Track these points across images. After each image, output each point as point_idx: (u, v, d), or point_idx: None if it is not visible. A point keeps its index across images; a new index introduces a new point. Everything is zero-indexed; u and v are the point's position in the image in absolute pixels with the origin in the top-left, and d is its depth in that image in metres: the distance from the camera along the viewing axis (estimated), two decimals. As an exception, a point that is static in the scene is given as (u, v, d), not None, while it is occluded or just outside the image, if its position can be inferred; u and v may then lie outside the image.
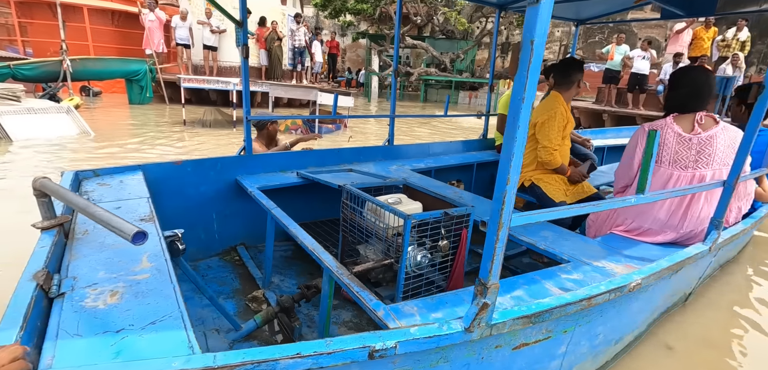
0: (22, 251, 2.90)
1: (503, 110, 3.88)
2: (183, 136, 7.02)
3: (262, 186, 2.40)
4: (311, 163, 2.91)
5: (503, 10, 4.01)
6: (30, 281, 0.96)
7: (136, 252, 1.22)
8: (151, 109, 10.16)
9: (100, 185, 1.93)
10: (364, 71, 21.96)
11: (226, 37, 11.65)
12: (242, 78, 2.57)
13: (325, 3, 20.17)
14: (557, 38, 25.89)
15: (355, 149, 3.22)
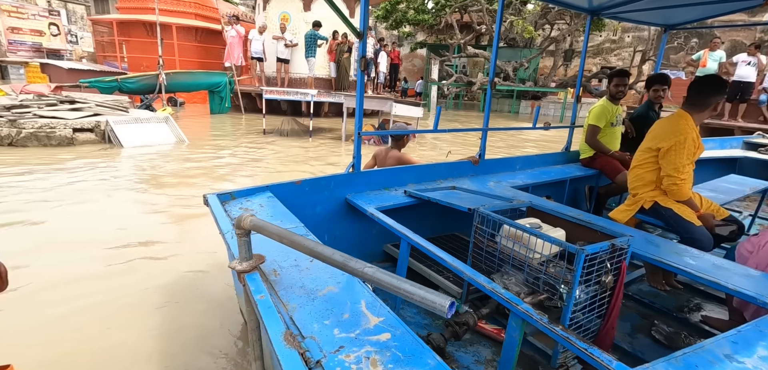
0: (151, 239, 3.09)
1: (595, 122, 3.64)
2: (265, 145, 7.41)
3: (380, 206, 2.32)
4: (410, 179, 2.85)
5: (595, 15, 3.82)
6: (286, 348, 0.90)
7: (344, 298, 1.14)
8: (229, 118, 10.87)
9: (241, 208, 1.87)
10: (421, 81, 22.01)
11: (295, 50, 12.21)
12: (357, 92, 2.50)
13: (387, 14, 20.56)
14: (628, 44, 24.32)
15: (447, 164, 3.11)
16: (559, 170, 3.66)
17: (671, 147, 2.41)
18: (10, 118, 6.11)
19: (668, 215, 2.54)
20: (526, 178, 3.33)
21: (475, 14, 18.15)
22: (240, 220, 1.12)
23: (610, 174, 3.58)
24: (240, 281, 1.19)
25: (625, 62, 23.67)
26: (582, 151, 3.82)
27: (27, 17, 22.77)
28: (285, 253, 1.39)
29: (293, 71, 12.58)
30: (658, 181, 2.59)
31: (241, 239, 1.15)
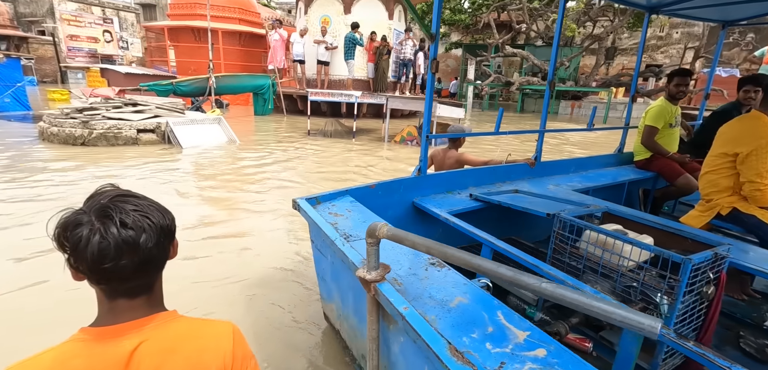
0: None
1: (653, 123, 3.49)
2: (311, 145, 7.63)
3: (450, 209, 2.30)
4: (470, 182, 2.83)
5: (654, 12, 3.67)
6: (458, 364, 0.89)
7: (478, 309, 1.10)
8: (271, 120, 11.24)
9: (330, 213, 1.85)
10: (455, 81, 21.83)
11: (335, 53, 12.44)
12: (427, 94, 2.44)
13: (423, 15, 20.55)
14: (676, 40, 23.09)
15: (504, 167, 3.08)
16: (614, 173, 3.57)
17: (752, 152, 2.31)
18: (83, 120, 6.60)
19: (751, 222, 2.43)
20: (583, 180, 3.25)
21: (514, 13, 17.80)
22: (374, 229, 1.10)
23: (670, 177, 3.45)
24: (368, 290, 1.18)
25: (672, 60, 22.50)
26: (637, 152, 3.68)
27: (84, 25, 24.44)
28: (396, 261, 1.40)
29: (332, 73, 12.83)
30: (735, 187, 2.48)
31: (372, 248, 1.13)
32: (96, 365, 0.71)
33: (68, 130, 6.51)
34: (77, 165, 5.42)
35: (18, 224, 3.45)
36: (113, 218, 0.70)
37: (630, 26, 19.19)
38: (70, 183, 4.67)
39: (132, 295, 0.76)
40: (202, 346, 0.78)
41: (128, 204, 0.74)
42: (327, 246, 1.74)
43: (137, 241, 0.71)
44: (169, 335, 0.77)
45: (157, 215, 0.77)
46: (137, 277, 0.75)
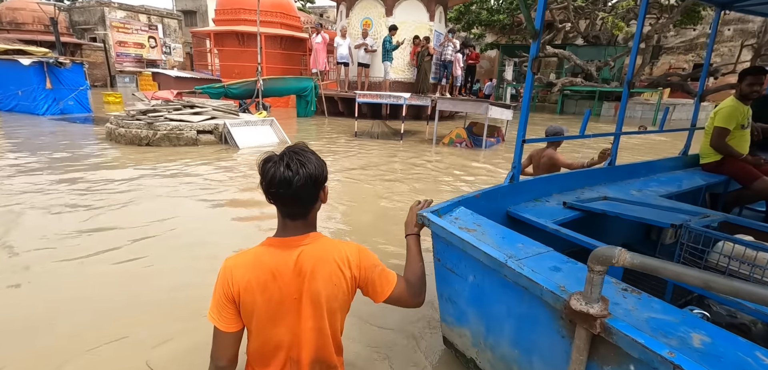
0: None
1: (724, 124, 3.28)
2: (362, 147, 7.68)
3: (554, 219, 2.17)
4: (553, 188, 2.70)
5: (725, 9, 3.43)
6: None
7: (729, 347, 1.00)
8: (314, 122, 11.41)
9: (461, 227, 1.68)
10: (490, 83, 21.49)
11: (374, 55, 12.51)
12: (524, 95, 2.33)
13: (459, 16, 20.39)
14: (727, 38, 21.84)
15: (583, 172, 2.95)
16: (685, 176, 3.38)
17: None
18: (148, 121, 6.92)
19: None
20: (661, 185, 3.08)
21: (557, 12, 17.34)
22: (608, 255, 0.93)
23: (745, 180, 3.26)
24: (588, 326, 1.03)
25: (723, 58, 21.29)
26: (705, 155, 3.48)
27: (132, 32, 25.74)
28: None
29: (372, 75, 12.91)
30: None
31: (598, 277, 1.00)
32: (278, 262, 1.09)
33: (135, 131, 6.83)
34: (149, 165, 5.68)
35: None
36: (284, 161, 1.05)
37: (677, 24, 18.29)
38: (140, 185, 4.89)
39: (293, 218, 1.13)
40: (340, 255, 1.15)
41: (298, 155, 1.07)
42: (469, 266, 1.58)
43: (291, 179, 1.03)
44: (319, 247, 1.14)
45: (311, 167, 1.07)
46: (293, 204, 1.10)
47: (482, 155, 7.43)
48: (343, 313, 1.22)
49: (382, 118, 11.07)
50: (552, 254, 1.46)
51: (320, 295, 1.11)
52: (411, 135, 9.44)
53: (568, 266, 1.37)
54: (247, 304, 1.09)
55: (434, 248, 1.79)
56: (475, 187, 5.31)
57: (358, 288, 1.22)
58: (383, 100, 8.67)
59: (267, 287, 1.08)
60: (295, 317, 1.13)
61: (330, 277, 1.12)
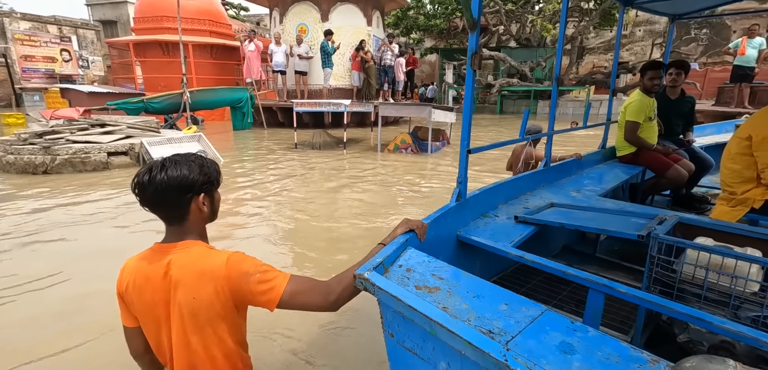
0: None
1: (635, 118, 3.43)
2: (302, 159, 7.18)
3: (515, 240, 1.92)
4: (497, 199, 2.47)
5: (628, 6, 3.62)
6: None
7: None
8: (252, 134, 10.69)
9: (417, 286, 1.26)
10: (432, 86, 21.81)
11: (311, 62, 12.05)
12: (465, 97, 1.97)
13: (398, 21, 20.48)
14: (639, 38, 24.04)
15: (519, 178, 2.74)
16: (610, 170, 3.42)
17: (766, 137, 2.24)
18: (44, 145, 5.92)
19: None
20: (593, 182, 3.06)
21: (491, 15, 17.95)
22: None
23: (659, 170, 3.40)
24: None
25: (637, 56, 23.41)
26: (620, 148, 3.61)
27: (39, 45, 22.93)
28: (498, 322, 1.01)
29: (311, 83, 12.42)
30: (756, 178, 2.36)
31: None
32: (152, 267, 1.08)
33: (27, 158, 5.81)
34: (42, 198, 4.78)
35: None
36: (150, 167, 1.06)
37: (596, 26, 19.77)
38: (30, 218, 4.06)
39: (168, 223, 1.12)
40: (206, 265, 1.06)
41: (168, 162, 1.07)
42: (440, 350, 1.11)
43: (146, 185, 1.04)
44: (188, 255, 1.08)
45: (175, 173, 1.05)
46: (154, 209, 1.08)
47: (429, 160, 7.27)
48: (220, 326, 1.10)
49: (325, 127, 10.63)
50: (550, 316, 1.09)
51: (182, 307, 1.06)
52: (355, 143, 9.09)
53: (582, 341, 0.99)
54: (130, 304, 1.13)
55: (383, 319, 1.25)
56: (426, 195, 5.10)
57: (235, 300, 1.09)
58: (323, 108, 8.23)
59: (142, 290, 1.09)
60: (167, 326, 1.11)
61: (191, 288, 1.05)
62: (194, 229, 1.15)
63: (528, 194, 2.69)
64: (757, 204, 2.39)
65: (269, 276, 1.09)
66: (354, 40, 12.65)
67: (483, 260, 2.20)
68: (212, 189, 1.16)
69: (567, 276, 1.52)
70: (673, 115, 3.82)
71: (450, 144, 8.74)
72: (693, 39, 21.72)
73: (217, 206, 1.21)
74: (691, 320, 1.41)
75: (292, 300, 1.10)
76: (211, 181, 1.14)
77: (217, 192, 1.21)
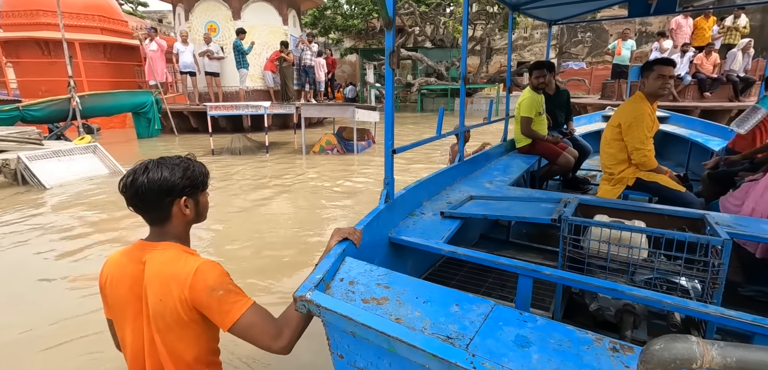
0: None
1: (527, 113, 3.82)
2: (221, 167, 6.69)
3: (445, 235, 1.94)
4: (421, 197, 2.52)
5: (515, 11, 4.02)
6: None
7: None
8: (161, 142, 9.71)
9: (363, 299, 1.19)
10: (352, 86, 21.89)
11: (225, 63, 11.34)
12: (386, 97, 1.97)
13: (315, 21, 20.15)
14: (537, 40, 26.74)
15: (438, 174, 2.79)
16: (514, 161, 3.73)
17: (632, 123, 2.68)
18: None
19: (655, 188, 2.76)
20: (503, 173, 3.29)
21: (406, 17, 18.52)
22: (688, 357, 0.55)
23: (551, 158, 3.83)
24: None
25: (536, 56, 25.99)
26: (518, 141, 3.98)
27: None
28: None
29: (225, 85, 11.68)
30: (628, 160, 2.81)
31: None
32: (131, 263, 1.12)
33: None
34: None
35: None
36: (135, 168, 1.11)
37: (501, 28, 21.54)
38: None
39: (150, 224, 1.17)
40: (176, 270, 1.07)
41: (153, 164, 1.11)
42: (398, 365, 1.06)
43: (128, 186, 1.09)
44: (162, 257, 1.10)
45: (156, 176, 1.08)
46: (137, 210, 1.13)
47: (356, 160, 7.26)
48: (185, 331, 1.10)
49: (244, 131, 10.05)
50: (499, 310, 1.11)
51: (150, 307, 1.08)
52: (278, 147, 8.74)
53: (534, 331, 1.02)
54: (107, 297, 1.15)
55: (330, 340, 1.15)
56: (357, 196, 5.07)
57: (198, 309, 1.08)
58: (241, 111, 7.76)
59: (118, 285, 1.11)
60: (134, 324, 1.12)
61: (158, 291, 1.07)
62: (175, 231, 1.17)
63: (448, 189, 2.79)
64: (631, 181, 2.83)
65: (231, 298, 1.07)
66: (270, 39, 12.16)
67: (414, 258, 2.26)
68: (196, 192, 1.17)
69: (498, 265, 1.61)
70: (554, 107, 4.28)
71: (376, 142, 8.84)
72: (580, 41, 24.75)
73: (203, 208, 1.22)
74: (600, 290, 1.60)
75: (245, 332, 1.08)
76: (194, 184, 1.15)
77: (204, 194, 1.22)
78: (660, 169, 2.79)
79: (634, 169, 2.82)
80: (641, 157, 2.72)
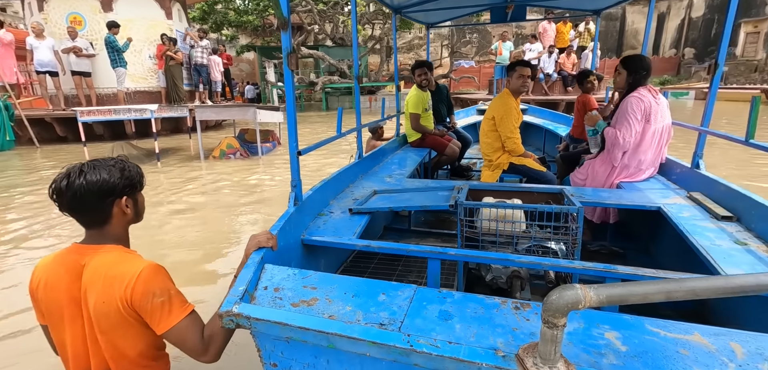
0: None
1: (415, 110, 4.05)
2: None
3: (357, 231, 2.00)
4: (328, 196, 2.56)
5: (397, 12, 4.34)
6: None
7: None
8: (17, 156, 8.10)
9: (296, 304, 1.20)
10: (250, 86, 20.87)
11: (99, 61, 9.92)
12: (287, 98, 1.92)
13: (205, 16, 18.65)
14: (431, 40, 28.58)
15: (342, 171, 2.84)
16: (407, 155, 3.96)
17: (503, 116, 3.17)
18: None
19: (524, 170, 3.27)
20: (401, 166, 3.48)
21: (305, 15, 18.22)
22: (572, 299, 0.72)
23: (440, 149, 4.18)
24: None
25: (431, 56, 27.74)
26: (409, 135, 4.23)
27: None
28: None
29: (100, 86, 10.22)
30: (502, 148, 3.30)
31: (560, 333, 0.76)
32: (68, 266, 1.11)
33: None
34: None
35: None
36: (68, 171, 1.09)
37: (398, 28, 22.52)
38: None
39: (87, 227, 1.16)
40: (119, 272, 1.08)
41: (88, 166, 1.10)
42: (337, 362, 1.08)
43: (63, 190, 1.07)
44: (105, 260, 1.10)
45: (94, 177, 1.08)
46: (73, 213, 1.11)
47: (261, 163, 6.97)
48: (129, 331, 1.12)
49: (128, 139, 8.92)
50: (421, 292, 1.20)
51: (92, 308, 1.08)
52: (171, 153, 7.95)
53: (453, 304, 1.14)
54: (40, 302, 1.13)
55: (262, 351, 1.12)
56: (267, 200, 4.91)
57: (139, 311, 1.10)
58: (121, 116, 6.86)
59: (53, 288, 1.10)
60: (73, 327, 1.12)
61: (101, 292, 1.07)
62: (115, 232, 1.18)
63: (352, 186, 2.86)
64: (506, 166, 3.29)
65: (168, 306, 1.10)
66: (151, 35, 10.94)
67: (327, 257, 2.32)
68: (135, 191, 1.19)
69: (409, 252, 1.77)
70: (436, 102, 4.63)
71: (281, 144, 8.59)
72: (468, 42, 27.12)
73: (141, 207, 1.24)
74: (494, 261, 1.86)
75: (175, 340, 1.12)
76: (133, 184, 1.18)
77: (141, 194, 1.25)
78: (526, 154, 3.28)
79: (508, 156, 3.28)
80: (512, 145, 3.19)
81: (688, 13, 23.70)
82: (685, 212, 2.14)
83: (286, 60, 1.85)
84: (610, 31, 25.07)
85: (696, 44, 23.20)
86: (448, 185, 2.61)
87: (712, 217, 2.07)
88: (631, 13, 25.11)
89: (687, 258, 2.08)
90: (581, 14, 8.83)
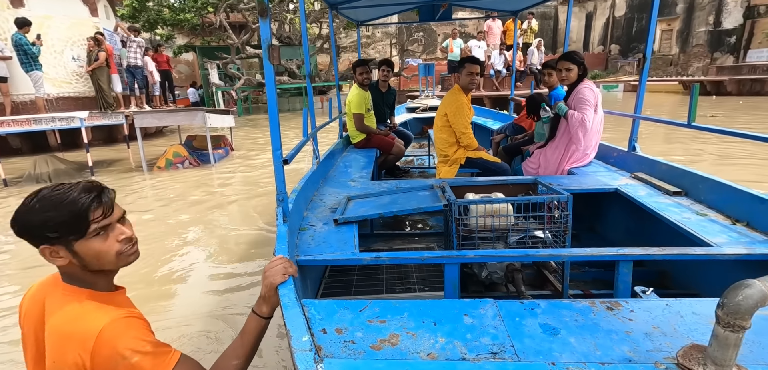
0: None
1: (358, 110, 3.97)
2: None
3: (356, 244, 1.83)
4: (303, 206, 2.35)
5: (334, 9, 4.15)
6: None
7: None
8: None
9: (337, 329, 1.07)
10: (193, 89, 19.64)
11: (16, 64, 8.75)
12: (269, 99, 1.71)
13: (135, 13, 17.18)
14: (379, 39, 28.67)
15: (307, 177, 2.65)
16: (358, 156, 3.83)
17: (454, 111, 3.23)
18: None
19: (480, 163, 3.32)
20: (357, 168, 3.36)
21: (249, 13, 17.45)
22: (762, 297, 0.66)
23: (387, 149, 4.14)
24: None
25: (380, 53, 27.82)
26: (354, 136, 4.10)
27: None
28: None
29: (17, 92, 9.03)
30: (457, 143, 3.34)
31: (739, 336, 0.70)
32: (40, 296, 0.97)
33: None
34: None
35: None
36: (22, 204, 0.92)
37: (346, 27, 22.28)
38: None
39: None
40: (77, 327, 0.88)
41: (29, 199, 0.92)
42: None
43: (14, 221, 0.91)
44: (61, 308, 0.93)
45: (22, 215, 0.90)
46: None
47: (215, 171, 6.48)
48: None
49: (51, 151, 7.94)
50: (503, 306, 1.11)
51: (46, 360, 0.91)
52: (107, 166, 7.18)
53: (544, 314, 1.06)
54: (22, 333, 1.01)
55: None
56: (228, 213, 4.50)
57: None
58: (43, 125, 6.04)
59: (27, 317, 0.98)
60: (33, 364, 0.98)
61: (51, 351, 0.89)
62: (75, 275, 0.97)
63: (316, 194, 2.66)
64: (463, 161, 3.30)
65: (148, 363, 0.89)
66: (72, 34, 9.84)
67: (311, 276, 2.09)
68: (63, 239, 0.91)
69: (425, 261, 1.65)
70: (383, 104, 4.64)
71: (235, 149, 8.09)
72: (416, 39, 27.52)
73: (89, 259, 0.94)
74: (491, 259, 1.80)
75: None
76: (59, 234, 0.90)
77: (89, 242, 0.93)
78: (480, 148, 3.33)
79: (463, 150, 3.30)
80: (468, 140, 3.24)
81: (612, 12, 25.82)
82: (640, 191, 2.25)
83: (266, 52, 1.59)
84: (545, 28, 26.66)
85: (620, 41, 25.39)
86: (426, 185, 2.53)
87: (664, 193, 2.20)
88: (562, 13, 26.91)
89: (641, 233, 2.18)
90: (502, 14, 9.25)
